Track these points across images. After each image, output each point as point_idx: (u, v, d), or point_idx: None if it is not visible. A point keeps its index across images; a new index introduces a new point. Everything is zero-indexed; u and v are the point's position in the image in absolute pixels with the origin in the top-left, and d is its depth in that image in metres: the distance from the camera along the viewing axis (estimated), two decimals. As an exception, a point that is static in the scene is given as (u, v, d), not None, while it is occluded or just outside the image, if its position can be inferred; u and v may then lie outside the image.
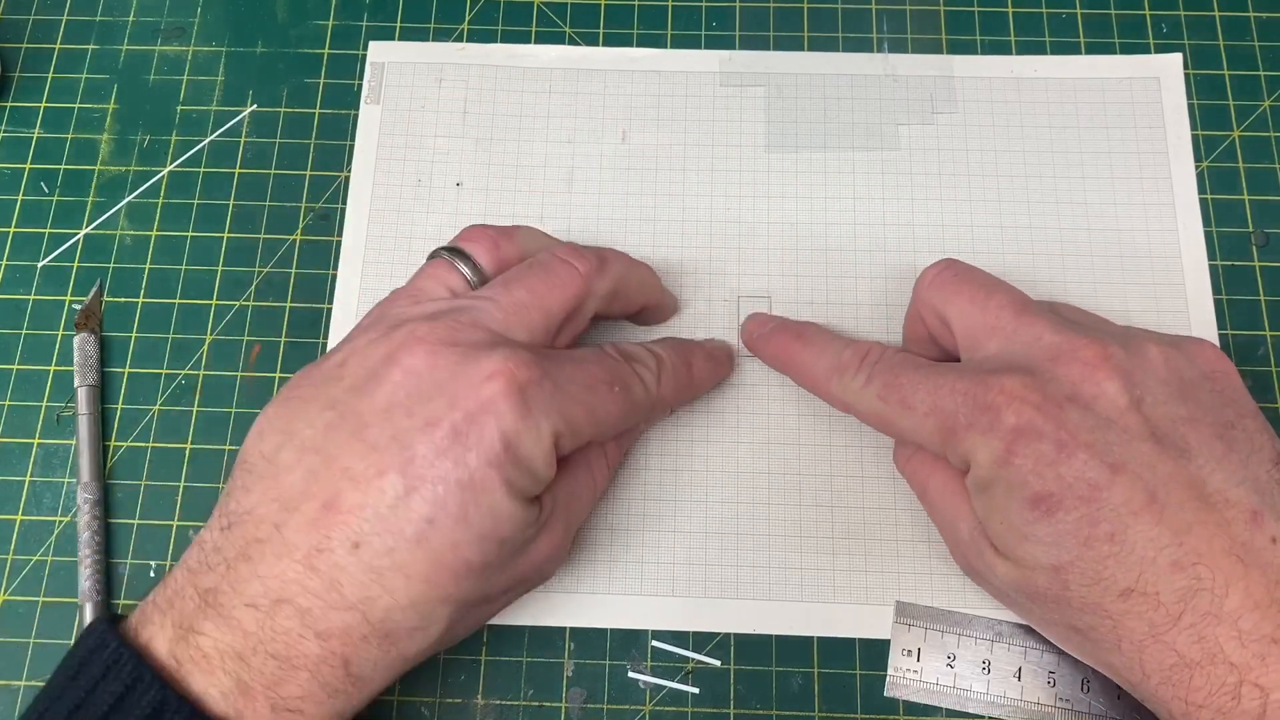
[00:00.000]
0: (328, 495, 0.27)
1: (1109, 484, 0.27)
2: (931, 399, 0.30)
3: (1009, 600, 0.32)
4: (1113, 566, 0.27)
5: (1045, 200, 0.40)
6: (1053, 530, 0.28)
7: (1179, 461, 0.28)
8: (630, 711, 0.34)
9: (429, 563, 0.26)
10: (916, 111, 0.41)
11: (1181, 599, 0.27)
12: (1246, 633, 0.26)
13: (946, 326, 0.33)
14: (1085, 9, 0.43)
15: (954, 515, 0.32)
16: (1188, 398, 0.29)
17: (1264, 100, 0.41)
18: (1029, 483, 0.28)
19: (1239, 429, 0.29)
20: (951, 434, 0.30)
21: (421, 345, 0.28)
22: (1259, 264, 0.39)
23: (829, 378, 0.33)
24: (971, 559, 0.31)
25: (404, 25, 0.43)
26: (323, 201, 0.40)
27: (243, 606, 0.26)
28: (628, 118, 0.41)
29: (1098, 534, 0.27)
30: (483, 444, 0.27)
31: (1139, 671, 0.28)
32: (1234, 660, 0.26)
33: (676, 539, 0.36)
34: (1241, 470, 0.28)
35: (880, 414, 0.32)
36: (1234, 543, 0.27)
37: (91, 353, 0.38)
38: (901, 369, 0.32)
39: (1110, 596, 0.27)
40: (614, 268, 0.33)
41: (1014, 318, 0.31)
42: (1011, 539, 0.29)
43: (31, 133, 0.42)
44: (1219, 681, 0.26)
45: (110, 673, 0.26)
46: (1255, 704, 0.26)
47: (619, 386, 0.31)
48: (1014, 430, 0.28)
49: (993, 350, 0.31)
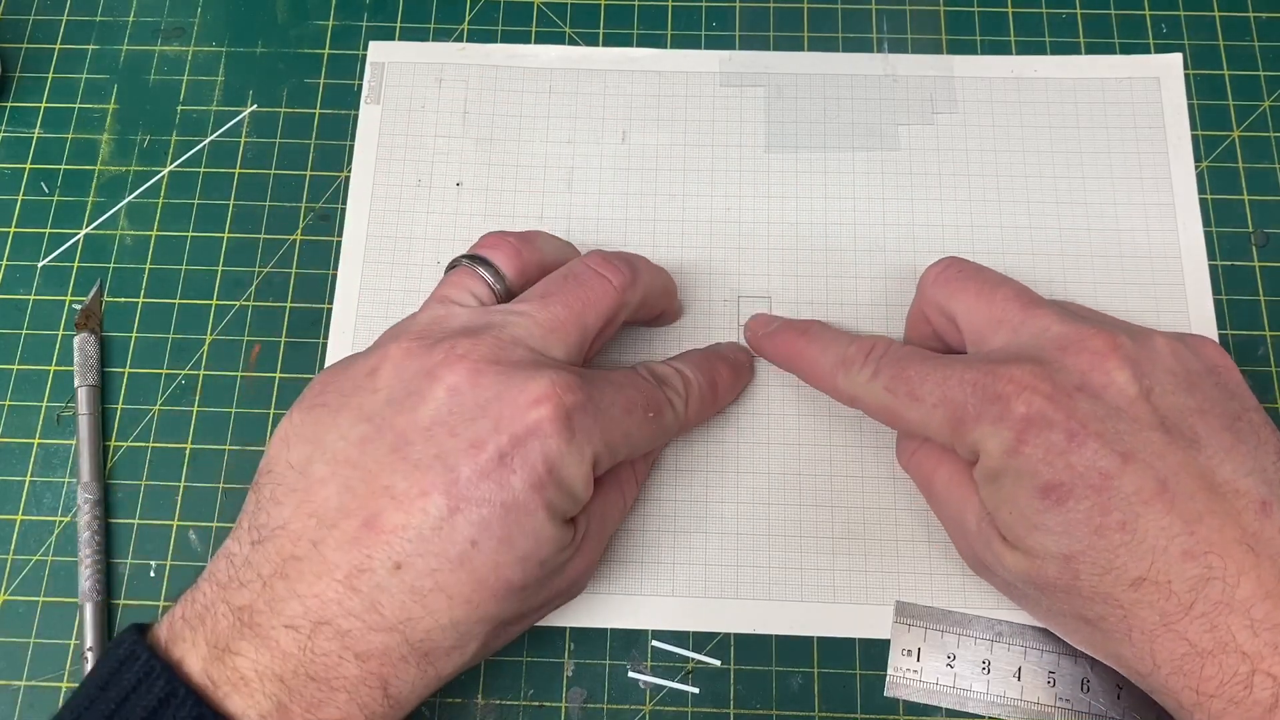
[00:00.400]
0: (368, 513, 0.26)
1: (1120, 473, 0.27)
2: (940, 390, 0.30)
3: (1016, 593, 0.31)
4: (1124, 555, 0.27)
5: (1045, 200, 0.40)
6: (1063, 519, 0.28)
7: (1189, 451, 0.28)
8: (630, 711, 0.34)
9: (471, 584, 0.26)
10: (916, 111, 0.41)
11: (1193, 588, 0.26)
12: (1259, 621, 0.26)
13: (952, 323, 0.33)
14: (1085, 9, 0.43)
15: (961, 507, 0.31)
16: (1195, 389, 0.29)
17: (1264, 100, 0.41)
18: (1039, 472, 0.28)
19: (1245, 421, 0.29)
20: (961, 424, 0.30)
21: (464, 363, 0.28)
22: (1259, 264, 0.39)
23: (834, 372, 0.33)
24: (979, 551, 0.31)
25: (404, 25, 0.43)
26: (323, 201, 0.40)
27: (282, 628, 0.26)
28: (628, 118, 0.41)
29: (1109, 523, 0.27)
30: (527, 467, 0.27)
31: (1150, 661, 0.27)
32: (1246, 649, 0.26)
33: (676, 539, 0.36)
34: (1249, 461, 0.28)
35: (888, 406, 0.32)
36: (1244, 532, 0.27)
37: (91, 353, 0.38)
38: (909, 361, 0.32)
39: (1121, 586, 0.27)
40: (644, 277, 0.33)
41: (1021, 310, 0.31)
42: (1021, 529, 0.29)
43: (31, 133, 0.42)
44: (1231, 671, 0.26)
45: (143, 685, 0.25)
46: (1268, 693, 0.26)
47: (653, 411, 0.31)
48: (1024, 419, 0.28)
49: (1000, 343, 0.31)
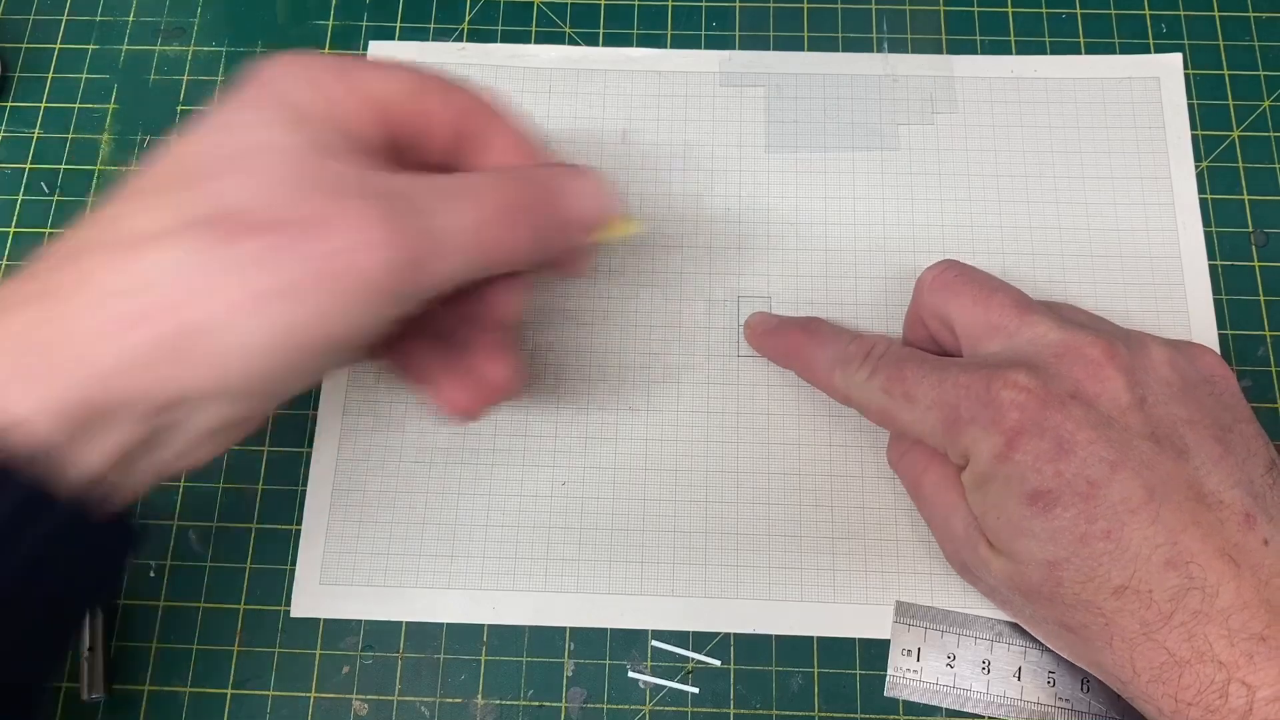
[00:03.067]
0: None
1: (1107, 481, 0.27)
2: (935, 392, 0.30)
3: (1000, 598, 0.32)
4: (1107, 564, 0.27)
5: (1045, 200, 0.40)
6: (1049, 526, 0.28)
7: (1177, 462, 0.28)
8: (630, 711, 0.34)
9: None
10: (916, 111, 0.41)
11: (1173, 597, 0.27)
12: (1235, 631, 0.26)
13: (948, 328, 0.33)
14: (1085, 9, 0.43)
15: (948, 510, 0.32)
16: (1188, 399, 0.29)
17: (1264, 100, 0.41)
18: (1028, 478, 0.28)
19: (1236, 433, 0.29)
20: (953, 426, 0.30)
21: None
22: (1259, 264, 0.39)
23: (832, 370, 0.33)
24: (965, 555, 0.31)
25: (404, 25, 0.43)
26: (323, 201, 0.40)
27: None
28: (628, 118, 0.41)
29: (1094, 531, 0.27)
30: None
31: (1129, 669, 0.28)
32: (1223, 659, 0.26)
33: (676, 539, 0.36)
34: (1237, 473, 0.28)
35: (883, 407, 0.32)
36: (1227, 543, 0.27)
37: (91, 353, 0.38)
38: (907, 362, 0.32)
39: (1104, 594, 0.27)
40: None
41: (1017, 316, 0.31)
42: (1007, 534, 0.29)
43: (31, 133, 0.42)
44: (1208, 679, 0.26)
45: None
46: (1242, 702, 0.26)
47: None
48: (1015, 426, 0.28)
49: (996, 348, 0.31)
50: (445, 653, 0.35)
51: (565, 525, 0.36)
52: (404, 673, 0.35)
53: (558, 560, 0.36)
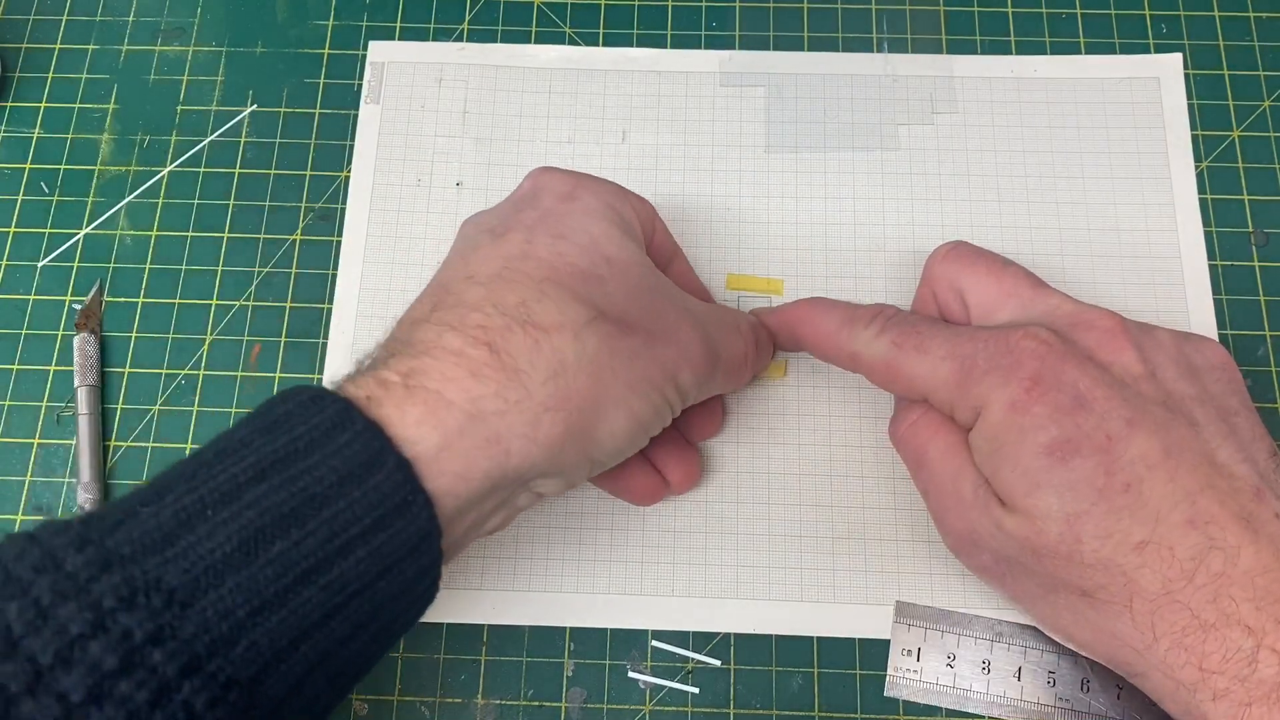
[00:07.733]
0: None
1: (1126, 437, 0.27)
2: (950, 345, 0.30)
3: (1009, 566, 0.31)
4: (1128, 519, 0.27)
5: (1045, 200, 0.40)
6: (1068, 477, 0.27)
7: (1190, 429, 0.28)
8: (630, 711, 0.34)
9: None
10: (916, 111, 0.41)
11: (1195, 555, 0.26)
12: (1261, 594, 0.26)
13: (960, 299, 0.33)
14: (1085, 9, 0.43)
15: (957, 475, 0.31)
16: (1195, 380, 0.30)
17: (1264, 100, 0.41)
18: (1045, 428, 0.28)
19: (1240, 419, 0.29)
20: (968, 377, 0.29)
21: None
22: (1259, 264, 0.39)
23: (840, 330, 0.33)
24: (974, 520, 0.30)
25: (404, 25, 0.43)
26: (323, 201, 0.40)
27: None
28: (628, 118, 0.41)
29: (1114, 484, 0.27)
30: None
31: (1150, 634, 0.27)
32: (1250, 623, 0.26)
33: (677, 539, 0.36)
34: (1242, 452, 0.28)
35: (891, 361, 0.31)
36: (1243, 509, 0.27)
37: (91, 353, 0.38)
38: (919, 321, 0.32)
39: (1124, 550, 0.27)
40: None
41: (1030, 289, 0.32)
42: (1023, 488, 0.28)
43: (31, 133, 0.42)
44: (1235, 646, 0.26)
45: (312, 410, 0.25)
46: (1272, 670, 0.25)
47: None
48: (1034, 376, 0.28)
49: (1009, 316, 0.31)
50: (445, 653, 0.35)
51: (565, 525, 0.36)
52: (404, 673, 0.35)
53: (558, 560, 0.36)
